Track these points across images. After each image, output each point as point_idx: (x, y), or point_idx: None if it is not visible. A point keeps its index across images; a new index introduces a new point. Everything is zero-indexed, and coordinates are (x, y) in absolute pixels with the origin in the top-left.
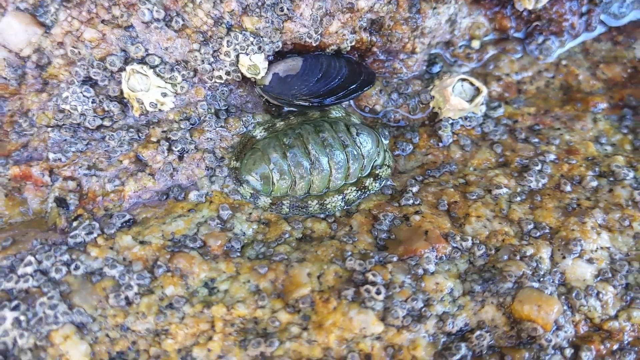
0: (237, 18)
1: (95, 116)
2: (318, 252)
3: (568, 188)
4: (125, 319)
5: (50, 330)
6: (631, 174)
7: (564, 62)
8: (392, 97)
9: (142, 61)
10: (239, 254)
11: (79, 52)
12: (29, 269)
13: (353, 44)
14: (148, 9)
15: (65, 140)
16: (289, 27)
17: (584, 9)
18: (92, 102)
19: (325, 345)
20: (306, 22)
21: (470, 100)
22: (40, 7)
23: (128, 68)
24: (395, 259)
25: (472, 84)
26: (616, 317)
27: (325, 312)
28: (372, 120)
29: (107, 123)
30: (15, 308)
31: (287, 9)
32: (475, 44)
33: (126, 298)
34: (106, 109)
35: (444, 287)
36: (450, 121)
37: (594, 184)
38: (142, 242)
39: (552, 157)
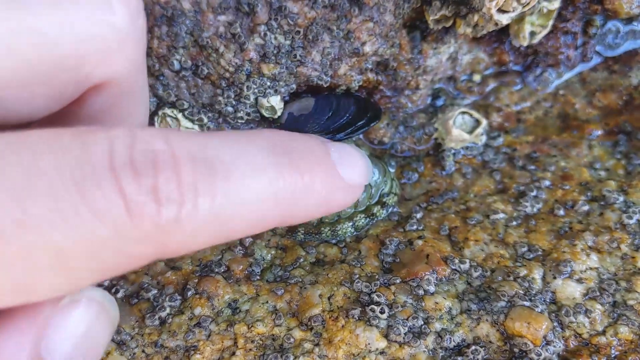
0: (255, 65)
1: None
2: (329, 275)
3: (561, 212)
4: (159, 336)
5: None
6: (621, 198)
7: (561, 92)
8: (399, 130)
9: (172, 105)
10: (258, 277)
11: None
12: None
13: (361, 83)
14: (177, 60)
15: None
16: (302, 71)
17: (579, 41)
18: None
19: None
20: (317, 67)
21: (471, 132)
22: None
23: (160, 112)
24: (398, 280)
25: (472, 116)
26: (604, 332)
27: (335, 329)
28: (381, 151)
29: None
30: None
31: (300, 56)
32: (477, 77)
33: (160, 318)
34: None
35: (442, 306)
36: (453, 151)
37: (586, 208)
38: (173, 268)
39: (547, 183)
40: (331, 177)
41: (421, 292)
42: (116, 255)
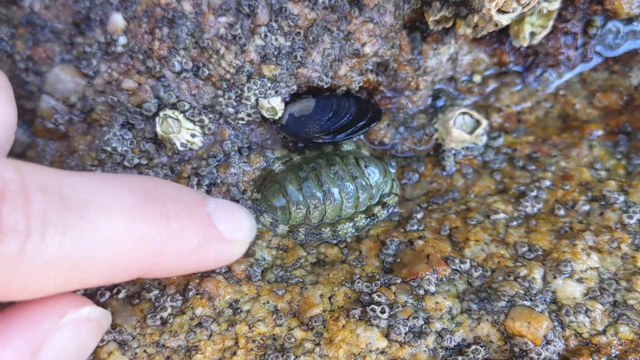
0: (256, 66)
1: (133, 156)
2: (330, 275)
3: (562, 212)
4: (160, 336)
5: (97, 347)
6: (622, 198)
7: (561, 92)
8: (399, 131)
9: (173, 107)
10: (259, 278)
11: (118, 99)
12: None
13: (361, 84)
14: (178, 61)
15: None
16: (302, 72)
17: (579, 42)
18: (130, 144)
19: (336, 359)
20: (317, 68)
21: (471, 132)
22: (84, 59)
23: (161, 113)
24: (399, 280)
25: (472, 116)
26: (604, 332)
27: (335, 329)
28: (381, 152)
29: (144, 161)
30: None
31: (300, 57)
32: (477, 78)
33: (161, 318)
34: (143, 149)
35: (443, 306)
36: (453, 151)
37: (586, 208)
38: None
39: (547, 183)
40: (203, 227)
41: (422, 292)
42: None
